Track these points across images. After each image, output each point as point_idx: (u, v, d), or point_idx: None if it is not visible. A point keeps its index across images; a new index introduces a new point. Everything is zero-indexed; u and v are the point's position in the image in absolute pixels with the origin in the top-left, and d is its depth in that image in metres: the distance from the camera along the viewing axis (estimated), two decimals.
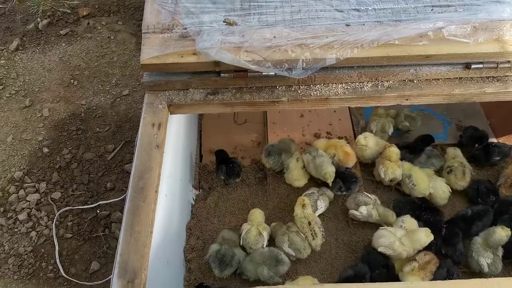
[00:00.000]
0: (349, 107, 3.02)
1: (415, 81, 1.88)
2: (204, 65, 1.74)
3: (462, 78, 1.88)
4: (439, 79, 1.88)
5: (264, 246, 2.19)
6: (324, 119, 2.97)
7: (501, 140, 2.79)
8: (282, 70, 1.69)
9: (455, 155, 2.48)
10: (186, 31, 1.78)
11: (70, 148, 3.34)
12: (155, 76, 1.83)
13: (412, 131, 2.79)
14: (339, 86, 1.87)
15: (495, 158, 2.49)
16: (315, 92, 1.87)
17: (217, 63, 1.73)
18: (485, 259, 2.08)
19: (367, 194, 2.30)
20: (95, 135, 3.44)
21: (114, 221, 2.95)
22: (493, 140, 2.82)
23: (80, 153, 3.32)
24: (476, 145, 2.52)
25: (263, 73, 1.78)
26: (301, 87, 1.88)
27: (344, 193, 2.42)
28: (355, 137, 2.71)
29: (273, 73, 1.78)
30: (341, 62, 1.76)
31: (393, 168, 2.39)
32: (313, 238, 2.16)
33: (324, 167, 2.30)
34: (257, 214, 2.30)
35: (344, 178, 2.39)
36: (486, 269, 2.04)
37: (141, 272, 1.40)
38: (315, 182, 2.51)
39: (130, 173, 3.16)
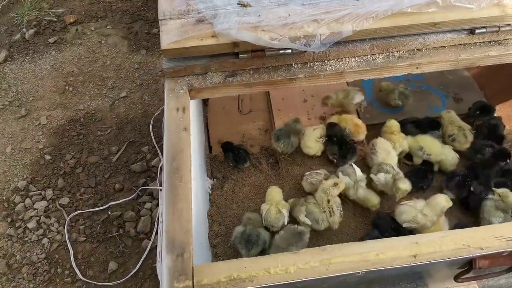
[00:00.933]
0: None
1: (423, 50, 1.96)
2: (224, 46, 1.78)
3: (466, 44, 1.98)
4: (445, 46, 1.97)
5: (285, 223, 2.22)
6: None
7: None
8: (301, 45, 1.74)
9: (451, 119, 2.58)
10: (202, 15, 1.81)
11: (73, 153, 3.31)
12: (174, 62, 1.85)
13: (404, 108, 2.90)
14: (352, 59, 1.94)
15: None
16: (330, 67, 1.93)
17: (236, 44, 1.77)
18: (496, 219, 2.18)
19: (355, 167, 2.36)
20: (97, 139, 3.41)
21: (127, 220, 2.94)
22: None
23: (84, 157, 3.29)
24: (485, 117, 2.63)
25: (280, 52, 1.83)
26: (316, 64, 1.94)
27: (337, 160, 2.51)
28: (359, 118, 2.80)
29: (290, 51, 1.83)
30: (353, 36, 1.82)
31: (400, 140, 2.48)
32: (330, 216, 2.21)
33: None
34: (275, 193, 2.34)
35: (341, 144, 2.48)
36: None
37: (188, 246, 1.41)
38: (327, 159, 2.59)
39: (137, 172, 3.19)
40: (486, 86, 3.09)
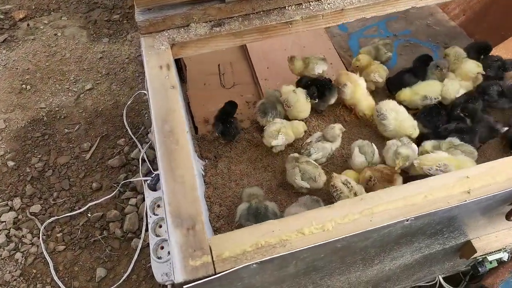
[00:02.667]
0: (338, 53, 2.92)
1: None
2: None
3: None
4: None
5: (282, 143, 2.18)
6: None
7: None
8: None
9: (457, 54, 2.44)
10: None
11: (39, 156, 2.94)
12: (149, 13, 1.57)
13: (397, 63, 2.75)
14: None
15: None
16: (328, 6, 1.70)
17: None
18: None
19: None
20: (65, 137, 3.05)
21: (111, 220, 2.62)
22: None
23: (53, 158, 2.93)
24: (481, 56, 2.48)
25: None
26: (312, 3, 1.71)
27: (317, 100, 2.32)
28: None
29: None
30: None
31: (379, 70, 2.41)
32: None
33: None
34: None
35: (318, 84, 2.31)
36: None
37: (199, 216, 1.15)
38: (316, 112, 2.41)
39: (115, 167, 2.86)
40: (475, 33, 2.97)
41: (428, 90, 2.36)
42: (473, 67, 2.28)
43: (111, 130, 3.08)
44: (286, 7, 1.70)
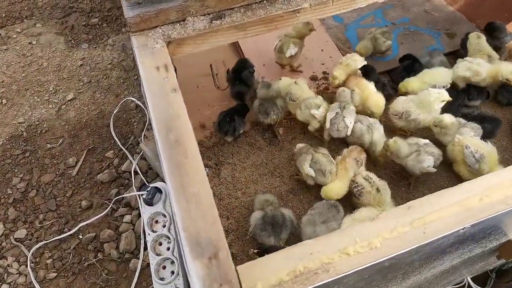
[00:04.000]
0: (337, 45, 2.76)
1: None
2: None
3: None
4: None
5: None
6: (315, 60, 2.67)
7: None
8: None
9: (479, 45, 2.32)
10: None
11: (20, 176, 2.69)
12: (140, 7, 1.37)
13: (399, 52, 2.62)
14: None
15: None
16: None
17: None
18: None
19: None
20: (48, 153, 2.81)
21: (105, 241, 2.39)
22: None
23: (36, 177, 2.68)
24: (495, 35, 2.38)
25: None
26: None
27: None
28: None
29: None
30: None
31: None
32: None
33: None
34: None
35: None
36: None
37: (222, 242, 0.96)
38: None
39: (105, 182, 2.64)
40: (476, 16, 2.85)
41: (436, 78, 2.23)
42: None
43: (98, 142, 2.84)
44: None
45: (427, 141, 1.89)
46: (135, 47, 1.37)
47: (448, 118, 1.92)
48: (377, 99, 2.15)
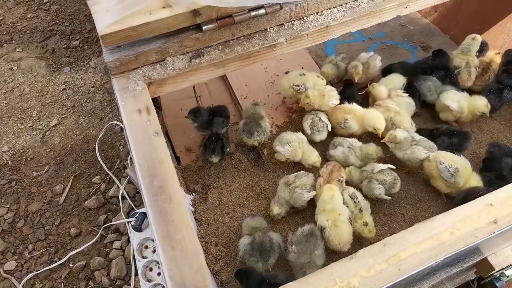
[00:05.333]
0: (316, 62, 2.83)
1: None
2: (181, 18, 1.36)
3: None
4: None
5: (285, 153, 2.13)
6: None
7: None
8: None
9: (469, 48, 2.41)
10: None
11: (7, 206, 2.68)
12: (119, 51, 1.40)
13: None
14: (334, 10, 1.62)
15: None
16: (312, 24, 1.59)
17: (196, 12, 1.36)
18: None
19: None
20: (35, 181, 2.81)
21: (95, 269, 2.41)
22: None
23: (23, 206, 2.68)
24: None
25: (252, 14, 1.45)
26: (295, 23, 1.59)
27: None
28: None
29: (263, 10, 1.46)
30: None
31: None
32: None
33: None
34: None
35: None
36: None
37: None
38: None
39: (93, 209, 2.65)
40: (449, 29, 2.95)
41: (394, 83, 2.38)
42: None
43: (84, 167, 2.85)
44: (268, 29, 1.57)
45: (384, 167, 1.95)
46: (116, 90, 1.40)
47: (401, 133, 2.00)
48: (374, 115, 2.18)
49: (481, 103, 2.15)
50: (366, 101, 2.38)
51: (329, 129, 2.23)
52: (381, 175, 1.93)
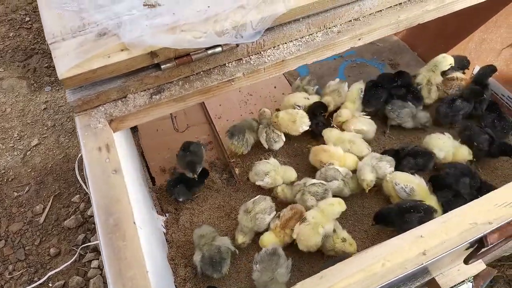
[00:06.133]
0: (289, 81, 2.92)
1: (361, 19, 1.78)
2: (139, 60, 1.44)
3: (402, 3, 1.83)
4: (382, 10, 1.81)
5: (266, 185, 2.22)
6: (265, 96, 2.82)
7: None
8: (232, 38, 1.46)
9: (435, 67, 2.50)
10: (103, 27, 1.46)
11: None
12: (81, 91, 1.47)
13: None
14: (290, 44, 1.70)
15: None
16: (269, 58, 1.67)
17: (153, 54, 1.44)
18: None
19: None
20: (15, 201, 2.87)
21: None
22: None
23: (4, 227, 2.74)
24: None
25: (209, 52, 1.53)
26: (252, 57, 1.67)
27: None
28: None
29: (220, 48, 1.54)
30: (289, 16, 1.59)
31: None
32: None
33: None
34: None
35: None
36: None
37: None
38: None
39: (72, 228, 2.71)
40: (417, 46, 3.05)
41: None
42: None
43: (64, 187, 2.92)
44: (227, 64, 1.65)
45: (314, 180, 2.07)
46: (78, 128, 1.47)
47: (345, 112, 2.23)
48: (350, 159, 2.25)
49: (466, 153, 2.18)
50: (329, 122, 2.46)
51: (284, 138, 2.37)
52: (313, 187, 2.04)
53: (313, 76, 2.94)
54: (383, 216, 1.94)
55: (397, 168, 2.17)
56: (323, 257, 2.02)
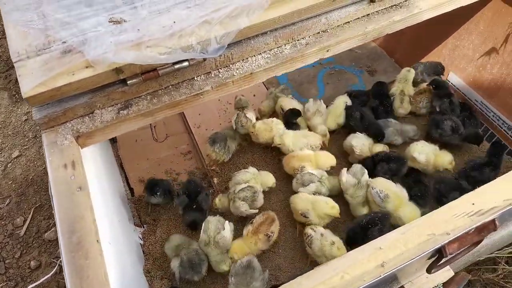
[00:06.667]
0: (268, 89, 2.93)
1: (329, 31, 1.80)
2: (104, 76, 1.45)
3: (369, 14, 1.86)
4: (349, 21, 1.83)
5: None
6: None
7: None
8: (197, 53, 1.48)
9: (406, 78, 2.53)
10: (68, 44, 1.47)
11: None
12: (47, 108, 1.48)
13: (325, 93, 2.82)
14: (259, 57, 1.72)
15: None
16: (237, 71, 1.68)
17: (119, 70, 1.45)
18: None
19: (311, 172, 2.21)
20: None
21: None
22: None
23: None
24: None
25: (176, 66, 1.55)
26: (221, 70, 1.68)
27: None
28: None
29: (187, 63, 1.55)
30: (253, 30, 1.61)
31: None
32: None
33: None
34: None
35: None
36: None
37: None
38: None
39: (53, 240, 2.71)
40: (394, 52, 3.09)
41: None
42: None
43: (45, 198, 2.91)
44: (195, 78, 1.66)
45: (244, 185, 2.12)
46: (45, 145, 1.47)
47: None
48: (325, 155, 2.30)
49: (447, 160, 2.19)
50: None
51: (252, 123, 2.40)
52: (242, 192, 2.08)
53: (293, 83, 2.98)
54: (351, 239, 1.94)
55: (373, 174, 2.19)
56: (303, 266, 2.03)
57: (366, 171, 2.15)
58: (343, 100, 2.51)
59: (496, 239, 1.90)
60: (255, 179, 2.23)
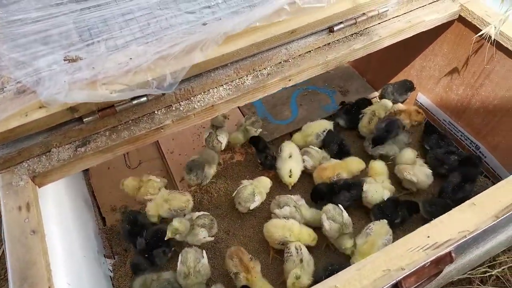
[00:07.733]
0: (242, 112, 2.94)
1: (290, 60, 1.82)
2: (58, 116, 1.44)
3: (330, 43, 1.88)
4: (310, 51, 1.85)
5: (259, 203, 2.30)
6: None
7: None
8: (153, 89, 1.47)
9: (385, 105, 2.62)
10: (22, 84, 1.45)
11: None
12: (2, 149, 1.46)
13: (299, 114, 2.85)
14: (220, 89, 1.72)
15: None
16: (198, 104, 1.69)
17: (73, 109, 1.44)
18: None
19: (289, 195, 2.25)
20: None
21: None
22: (374, 93, 2.99)
23: None
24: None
25: (134, 102, 1.54)
26: (182, 103, 1.68)
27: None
28: None
29: (145, 98, 1.55)
30: (212, 63, 1.62)
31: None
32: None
33: None
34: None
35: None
36: None
37: None
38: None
39: None
40: (366, 72, 3.12)
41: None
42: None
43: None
44: (156, 112, 1.66)
45: (200, 213, 2.16)
46: (0, 187, 1.45)
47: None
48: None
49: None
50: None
51: (222, 147, 2.46)
52: (200, 220, 2.10)
53: (266, 105, 2.99)
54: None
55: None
56: None
57: (343, 209, 2.14)
58: (323, 126, 2.56)
59: (464, 262, 1.91)
60: (256, 186, 2.26)
